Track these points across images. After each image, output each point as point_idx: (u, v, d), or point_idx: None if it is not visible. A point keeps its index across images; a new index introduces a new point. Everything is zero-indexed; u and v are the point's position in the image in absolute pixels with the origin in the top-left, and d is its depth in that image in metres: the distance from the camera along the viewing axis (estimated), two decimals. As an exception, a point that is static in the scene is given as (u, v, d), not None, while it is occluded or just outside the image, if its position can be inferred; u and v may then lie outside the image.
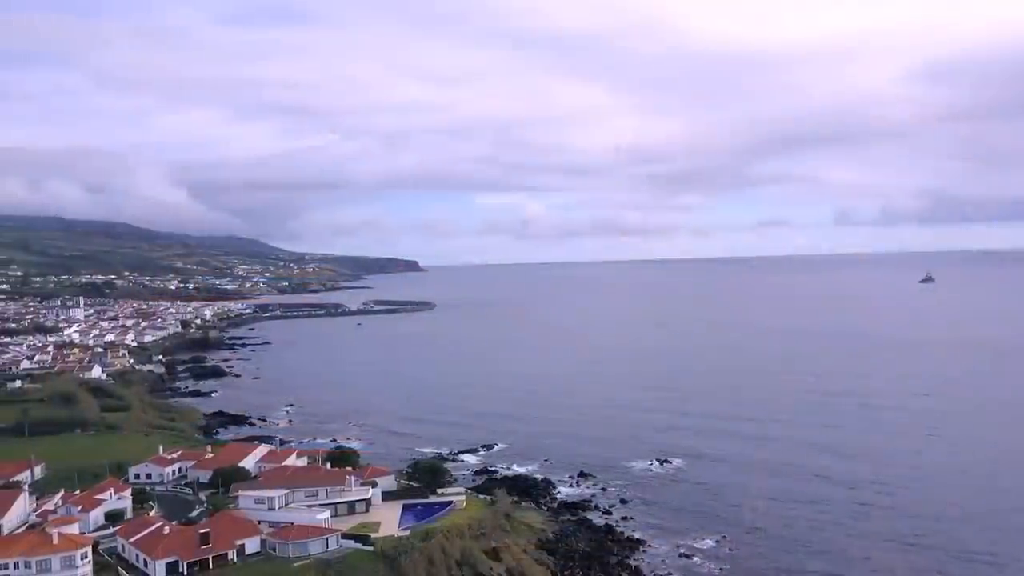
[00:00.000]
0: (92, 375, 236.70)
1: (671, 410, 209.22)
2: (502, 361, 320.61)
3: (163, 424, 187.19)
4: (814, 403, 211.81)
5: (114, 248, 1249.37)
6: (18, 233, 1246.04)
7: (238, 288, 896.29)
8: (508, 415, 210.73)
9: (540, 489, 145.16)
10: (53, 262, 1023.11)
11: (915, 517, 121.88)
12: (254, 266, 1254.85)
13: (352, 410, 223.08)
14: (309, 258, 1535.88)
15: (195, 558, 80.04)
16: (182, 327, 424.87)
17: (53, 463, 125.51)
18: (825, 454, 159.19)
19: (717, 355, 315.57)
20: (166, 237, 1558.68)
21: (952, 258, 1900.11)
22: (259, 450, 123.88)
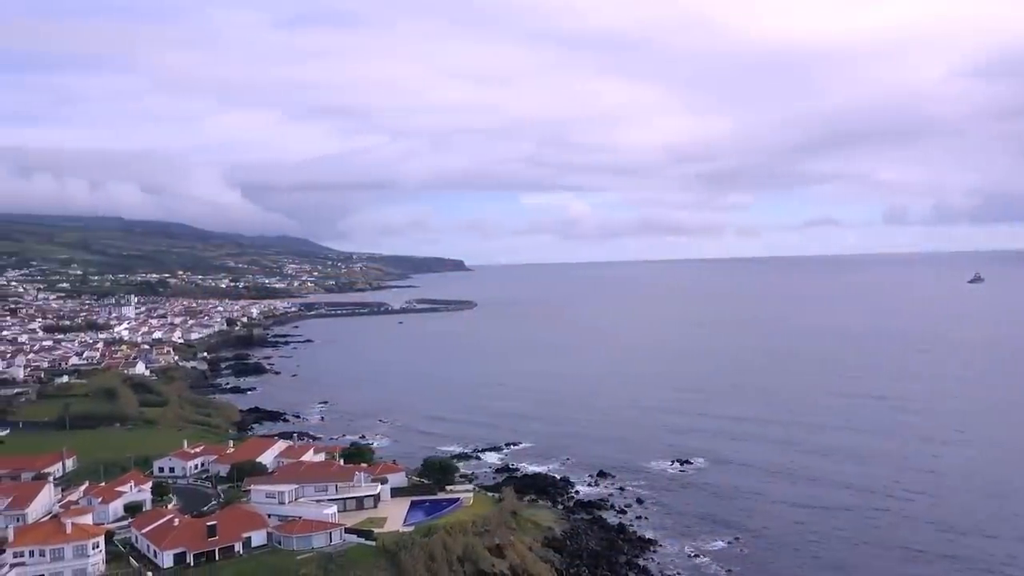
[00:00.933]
0: (136, 371, 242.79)
1: (697, 411, 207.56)
2: (534, 360, 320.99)
3: (199, 419, 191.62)
4: (843, 406, 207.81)
5: (170, 248, 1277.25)
6: (80, 233, 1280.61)
7: (286, 287, 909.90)
8: (535, 414, 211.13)
9: (558, 488, 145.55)
10: (112, 261, 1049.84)
11: (932, 527, 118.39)
12: (303, 265, 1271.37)
13: (383, 408, 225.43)
14: (357, 257, 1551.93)
15: (202, 549, 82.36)
16: (227, 325, 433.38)
17: (85, 456, 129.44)
18: (847, 459, 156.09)
19: (750, 356, 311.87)
20: (220, 237, 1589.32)
21: (1004, 257, 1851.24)
22: (277, 445, 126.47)
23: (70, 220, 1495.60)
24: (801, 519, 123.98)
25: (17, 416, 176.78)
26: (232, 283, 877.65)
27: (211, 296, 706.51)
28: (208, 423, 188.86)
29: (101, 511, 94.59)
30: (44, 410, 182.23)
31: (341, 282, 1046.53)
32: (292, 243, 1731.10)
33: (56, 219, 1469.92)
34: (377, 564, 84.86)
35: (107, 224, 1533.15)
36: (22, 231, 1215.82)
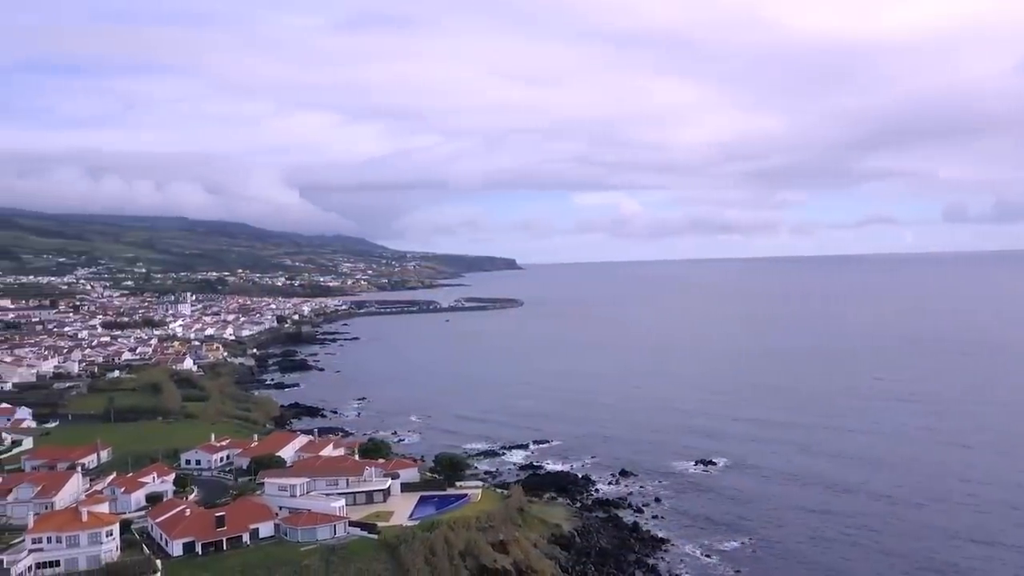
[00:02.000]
0: (184, 367, 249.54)
1: (727, 412, 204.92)
2: (572, 360, 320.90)
3: (238, 414, 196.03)
4: (875, 410, 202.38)
5: (230, 247, 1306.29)
6: (146, 233, 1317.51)
7: (340, 285, 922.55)
8: (565, 414, 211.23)
9: (578, 486, 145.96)
10: (175, 260, 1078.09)
11: (950, 540, 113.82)
12: (358, 264, 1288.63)
13: (418, 404, 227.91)
14: (411, 256, 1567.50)
15: (210, 539, 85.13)
16: (278, 322, 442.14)
17: (121, 448, 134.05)
18: (872, 466, 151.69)
19: (789, 357, 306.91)
20: (278, 236, 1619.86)
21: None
22: (298, 440, 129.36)
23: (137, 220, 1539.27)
24: (816, 525, 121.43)
25: (67, 409, 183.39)
26: (288, 281, 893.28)
27: (268, 294, 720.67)
28: (247, 418, 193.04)
29: (123, 500, 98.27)
30: (92, 403, 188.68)
31: (394, 280, 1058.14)
32: (349, 242, 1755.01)
33: (124, 219, 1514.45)
34: (377, 557, 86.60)
35: (171, 224, 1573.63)
36: (92, 231, 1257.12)
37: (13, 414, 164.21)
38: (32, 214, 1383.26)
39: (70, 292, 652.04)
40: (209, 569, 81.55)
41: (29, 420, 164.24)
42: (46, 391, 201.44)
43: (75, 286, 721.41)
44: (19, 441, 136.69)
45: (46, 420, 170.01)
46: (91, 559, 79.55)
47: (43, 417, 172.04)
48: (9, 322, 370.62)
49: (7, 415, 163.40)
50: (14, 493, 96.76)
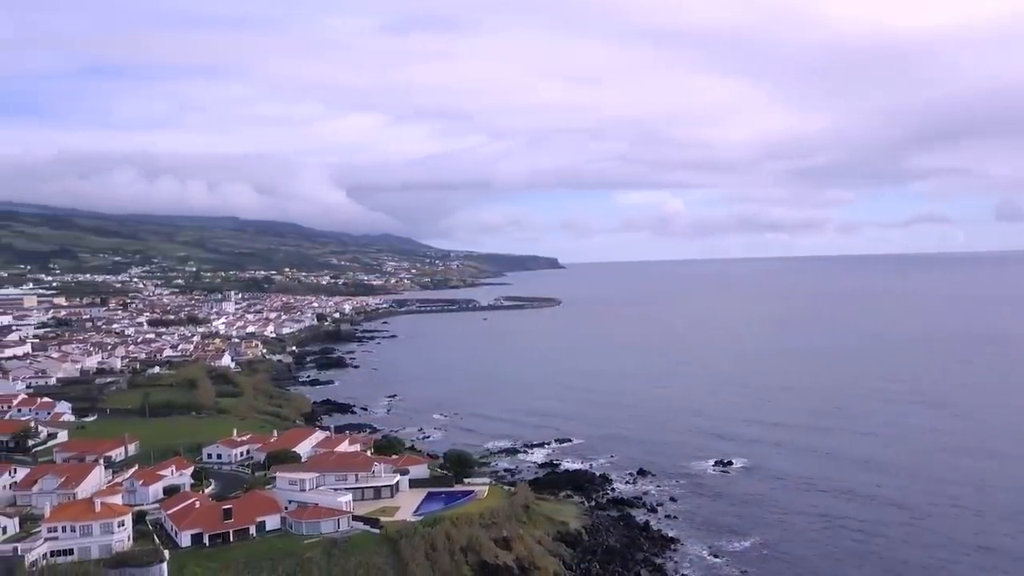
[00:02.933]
0: (221, 363, 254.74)
1: (753, 413, 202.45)
2: (603, 358, 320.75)
3: (270, 410, 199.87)
4: (902, 415, 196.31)
5: (278, 246, 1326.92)
6: (198, 232, 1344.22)
7: (384, 284, 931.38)
8: (590, 413, 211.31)
9: (595, 484, 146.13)
10: (226, 259, 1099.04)
11: (963, 551, 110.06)
12: (402, 263, 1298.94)
13: (446, 402, 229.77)
14: (455, 255, 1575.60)
15: (218, 531, 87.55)
16: (318, 320, 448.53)
17: (149, 442, 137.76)
18: (890, 472, 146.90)
19: (824, 358, 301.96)
20: (326, 236, 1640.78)
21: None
22: (315, 436, 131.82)
23: (190, 220, 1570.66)
24: (829, 530, 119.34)
25: (105, 403, 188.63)
26: (332, 280, 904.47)
27: (312, 292, 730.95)
28: (278, 414, 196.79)
29: (141, 493, 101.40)
30: (130, 398, 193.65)
31: (437, 279, 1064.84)
32: (395, 241, 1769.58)
33: (177, 219, 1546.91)
34: (378, 551, 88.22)
35: (223, 224, 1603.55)
36: (147, 230, 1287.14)
37: (53, 408, 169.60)
38: (91, 214, 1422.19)
39: (123, 290, 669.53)
40: (215, 560, 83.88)
41: (68, 414, 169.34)
42: (87, 386, 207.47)
43: (128, 284, 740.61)
44: (54, 434, 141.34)
45: (85, 414, 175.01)
46: (103, 548, 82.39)
47: (82, 411, 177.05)
48: (61, 319, 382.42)
49: (47, 409, 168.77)
50: (39, 484, 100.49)
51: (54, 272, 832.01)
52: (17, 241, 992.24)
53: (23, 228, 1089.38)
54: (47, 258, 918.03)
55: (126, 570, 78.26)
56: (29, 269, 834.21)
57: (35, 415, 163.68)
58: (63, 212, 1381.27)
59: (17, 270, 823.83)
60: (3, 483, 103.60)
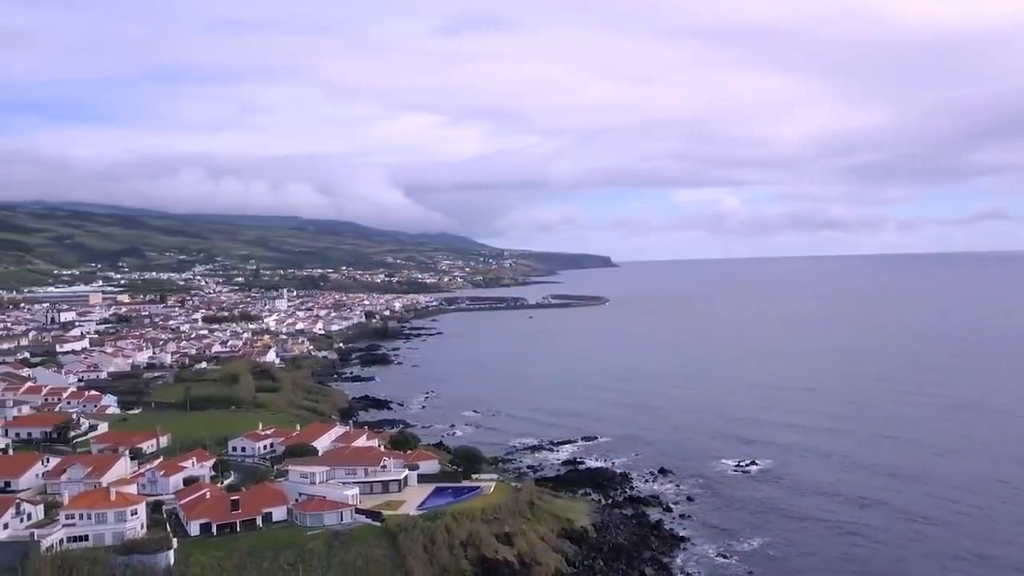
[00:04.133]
0: (266, 359, 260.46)
1: (781, 415, 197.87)
2: (641, 357, 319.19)
3: (306, 405, 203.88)
4: (936, 420, 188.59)
5: (337, 245, 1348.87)
6: (260, 232, 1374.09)
7: (436, 282, 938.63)
8: (621, 411, 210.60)
9: (614, 482, 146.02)
10: (286, 257, 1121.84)
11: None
12: (456, 261, 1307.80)
13: (481, 399, 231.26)
14: (508, 254, 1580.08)
15: (225, 521, 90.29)
16: (366, 318, 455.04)
17: (184, 434, 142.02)
18: (913, 480, 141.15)
19: (867, 360, 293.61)
20: (384, 235, 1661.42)
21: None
22: (335, 430, 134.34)
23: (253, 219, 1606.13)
24: (843, 536, 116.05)
25: (151, 397, 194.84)
26: (387, 278, 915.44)
27: (367, 290, 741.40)
28: (314, 408, 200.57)
29: (162, 483, 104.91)
30: (174, 392, 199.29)
31: (488, 278, 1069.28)
32: (451, 240, 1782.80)
33: (241, 218, 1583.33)
34: (377, 544, 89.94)
35: (285, 223, 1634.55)
36: (211, 230, 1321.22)
37: (99, 401, 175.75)
38: (159, 214, 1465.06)
39: (186, 287, 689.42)
40: (220, 549, 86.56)
41: (113, 407, 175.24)
42: (135, 380, 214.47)
43: (191, 282, 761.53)
44: (95, 426, 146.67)
45: (130, 407, 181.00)
46: (116, 535, 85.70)
47: (128, 404, 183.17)
48: (122, 316, 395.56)
49: (94, 402, 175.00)
50: (67, 473, 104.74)
51: (122, 270, 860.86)
52: (90, 240, 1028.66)
53: (96, 228, 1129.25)
54: (117, 257, 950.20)
55: (134, 556, 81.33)
56: (100, 267, 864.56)
57: (82, 407, 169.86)
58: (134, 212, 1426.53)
59: (88, 268, 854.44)
60: (36, 472, 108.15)
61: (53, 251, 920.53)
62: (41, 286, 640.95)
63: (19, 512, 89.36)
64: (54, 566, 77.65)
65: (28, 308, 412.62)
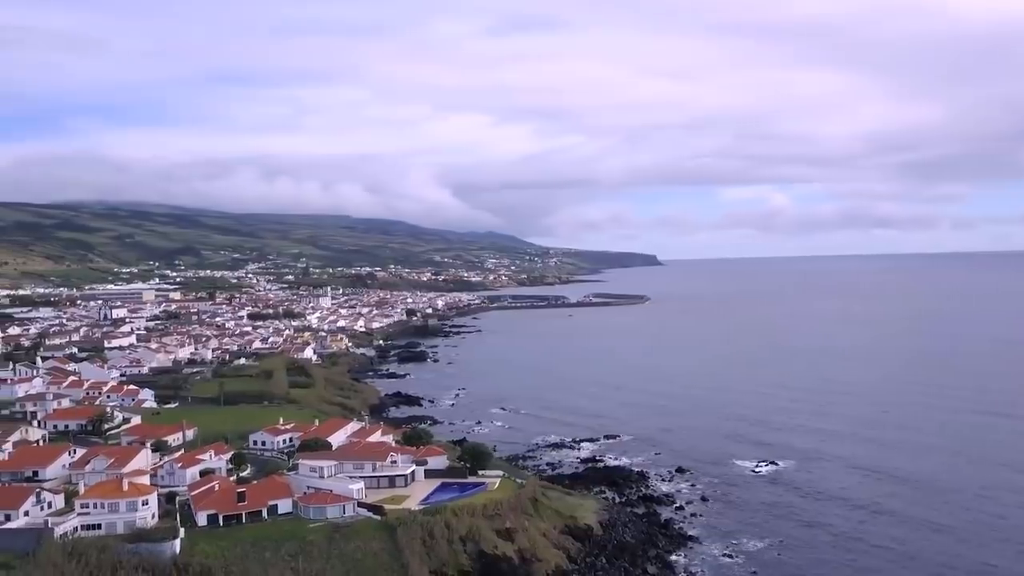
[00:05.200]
0: (303, 356, 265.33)
1: (808, 418, 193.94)
2: (674, 355, 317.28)
3: (337, 401, 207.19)
4: (969, 428, 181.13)
5: (385, 243, 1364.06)
6: (311, 230, 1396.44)
7: (482, 280, 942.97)
8: (648, 409, 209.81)
9: (631, 481, 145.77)
10: (335, 256, 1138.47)
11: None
12: (503, 260, 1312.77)
13: (511, 396, 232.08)
14: (554, 252, 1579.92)
15: (231, 512, 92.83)
16: (407, 315, 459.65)
17: (213, 427, 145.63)
18: (936, 491, 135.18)
19: (903, 362, 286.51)
20: (432, 233, 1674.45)
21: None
22: (351, 425, 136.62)
23: (305, 219, 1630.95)
24: (853, 542, 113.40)
25: (188, 392, 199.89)
26: (433, 276, 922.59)
27: (413, 288, 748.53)
28: (345, 404, 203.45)
29: (179, 475, 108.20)
30: (211, 387, 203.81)
31: (533, 276, 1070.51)
32: (499, 239, 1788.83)
33: (293, 217, 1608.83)
34: (377, 537, 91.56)
35: (336, 222, 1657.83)
36: (264, 228, 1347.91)
37: (137, 395, 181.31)
38: (215, 213, 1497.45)
39: (238, 285, 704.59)
40: (225, 539, 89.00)
41: (150, 401, 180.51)
42: (175, 375, 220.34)
43: (243, 279, 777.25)
44: (128, 419, 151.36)
45: (167, 401, 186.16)
46: (127, 524, 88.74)
47: (165, 399, 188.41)
48: (171, 312, 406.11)
49: (132, 396, 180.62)
50: (90, 464, 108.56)
51: (178, 268, 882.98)
52: (148, 239, 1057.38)
53: (154, 227, 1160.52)
54: (173, 255, 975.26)
55: (141, 545, 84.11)
56: (157, 265, 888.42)
57: (121, 401, 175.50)
58: (191, 212, 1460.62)
59: (147, 266, 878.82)
60: (63, 462, 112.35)
61: (114, 249, 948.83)
62: (101, 283, 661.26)
63: (39, 500, 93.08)
64: (64, 552, 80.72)
65: (84, 305, 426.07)
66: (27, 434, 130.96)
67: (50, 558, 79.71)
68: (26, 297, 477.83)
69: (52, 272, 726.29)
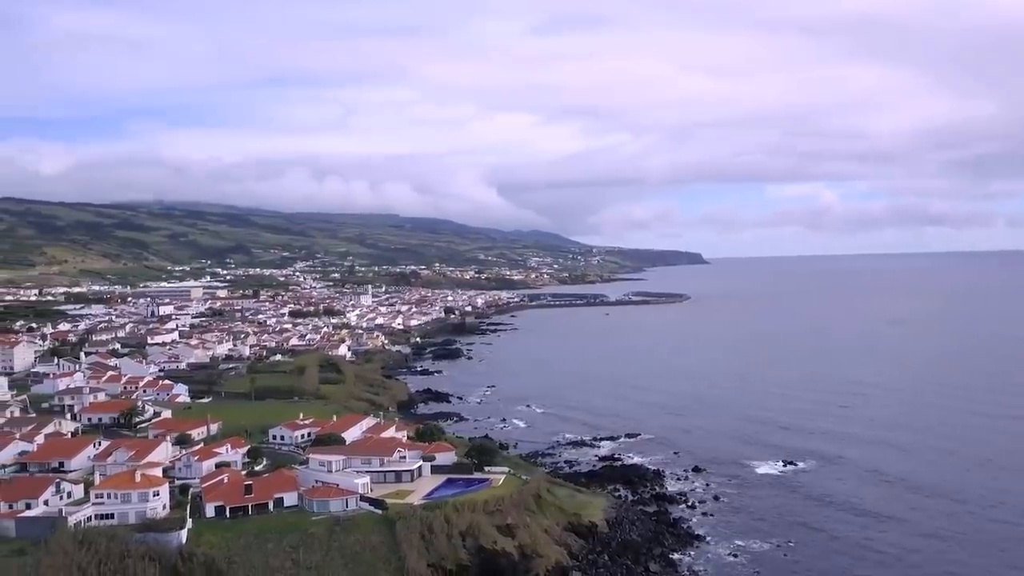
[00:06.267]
0: (337, 353, 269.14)
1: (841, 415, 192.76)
2: (706, 355, 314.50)
3: (366, 397, 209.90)
4: (1006, 438, 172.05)
5: (431, 242, 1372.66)
6: (359, 229, 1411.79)
7: (523, 278, 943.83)
8: (673, 408, 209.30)
9: (646, 479, 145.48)
10: (381, 254, 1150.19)
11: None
12: (545, 258, 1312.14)
13: (539, 394, 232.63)
14: (597, 251, 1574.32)
15: (238, 504, 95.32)
16: (445, 313, 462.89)
17: (236, 422, 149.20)
18: (957, 501, 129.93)
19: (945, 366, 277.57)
20: (478, 232, 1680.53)
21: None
22: (366, 421, 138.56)
23: (354, 218, 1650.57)
24: (863, 546, 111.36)
25: (221, 387, 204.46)
26: (476, 274, 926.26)
27: (456, 286, 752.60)
28: (373, 400, 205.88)
29: (196, 467, 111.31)
30: (244, 383, 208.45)
31: (575, 274, 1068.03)
32: (543, 238, 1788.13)
33: (342, 216, 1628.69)
34: (376, 530, 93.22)
35: (384, 221, 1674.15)
36: (313, 228, 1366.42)
37: (171, 390, 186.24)
38: (267, 213, 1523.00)
39: (285, 283, 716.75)
40: (231, 530, 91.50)
41: (184, 396, 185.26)
42: (210, 371, 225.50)
43: (291, 277, 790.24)
44: (159, 413, 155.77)
45: (201, 396, 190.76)
46: (139, 514, 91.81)
47: (199, 394, 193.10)
48: (216, 310, 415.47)
49: (167, 390, 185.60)
50: (113, 456, 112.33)
51: (229, 266, 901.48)
52: (201, 238, 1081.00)
53: (207, 226, 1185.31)
54: (225, 253, 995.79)
55: (149, 534, 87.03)
56: (209, 263, 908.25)
57: (156, 396, 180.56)
58: (243, 211, 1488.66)
59: (199, 264, 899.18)
60: (88, 454, 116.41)
61: (168, 248, 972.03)
62: (155, 281, 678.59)
63: (59, 490, 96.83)
64: (75, 540, 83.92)
65: (133, 302, 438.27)
66: (60, 427, 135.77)
67: (61, 545, 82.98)
68: (80, 294, 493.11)
69: (109, 270, 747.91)
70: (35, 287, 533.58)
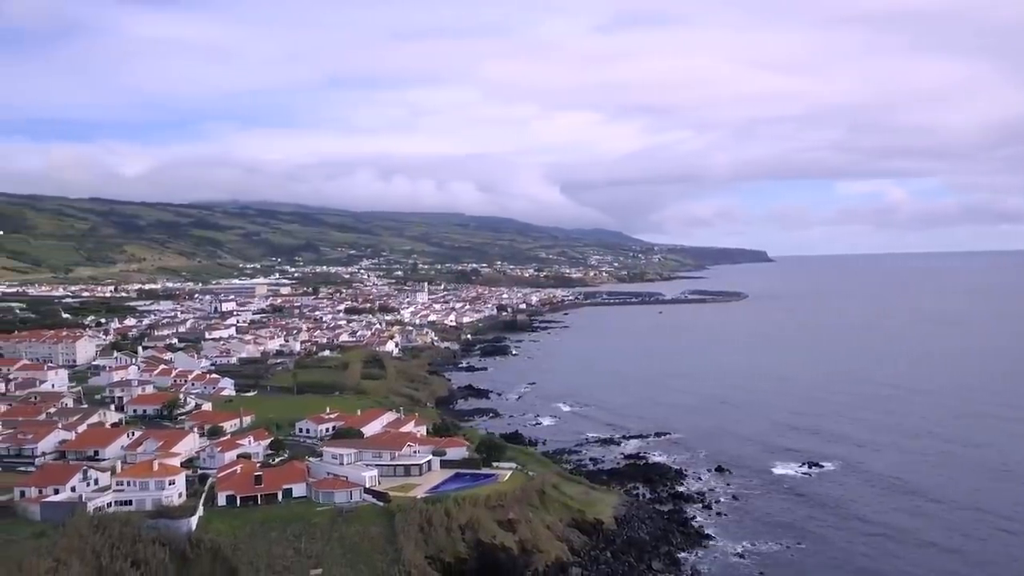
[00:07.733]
0: (384, 349, 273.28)
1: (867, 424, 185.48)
2: (752, 355, 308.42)
3: (405, 393, 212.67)
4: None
5: (495, 240, 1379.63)
6: (424, 228, 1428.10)
7: (582, 276, 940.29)
8: (706, 408, 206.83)
9: (666, 478, 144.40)
10: (445, 252, 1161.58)
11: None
12: (605, 256, 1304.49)
13: (576, 392, 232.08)
14: (658, 249, 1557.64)
15: (248, 494, 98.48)
16: (497, 311, 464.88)
17: (273, 415, 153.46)
18: (977, 510, 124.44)
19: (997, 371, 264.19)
20: (540, 231, 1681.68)
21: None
22: (386, 416, 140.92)
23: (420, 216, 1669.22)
24: (872, 552, 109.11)
25: (267, 382, 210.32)
26: (535, 272, 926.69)
27: (515, 284, 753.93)
28: (412, 396, 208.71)
29: (218, 458, 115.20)
30: (287, 378, 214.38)
31: (633, 273, 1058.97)
32: (605, 236, 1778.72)
33: (409, 215, 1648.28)
34: (377, 522, 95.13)
35: (449, 219, 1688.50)
36: (380, 226, 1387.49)
37: (218, 383, 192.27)
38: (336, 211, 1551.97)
39: (350, 280, 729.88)
40: (239, 518, 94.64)
41: (229, 389, 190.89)
42: (258, 366, 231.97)
43: (356, 275, 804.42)
44: (199, 405, 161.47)
45: (247, 390, 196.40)
46: (155, 501, 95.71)
47: (246, 388, 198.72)
48: (276, 306, 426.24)
49: (213, 384, 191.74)
50: (143, 445, 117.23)
51: (298, 264, 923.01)
52: (273, 237, 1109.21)
53: (279, 225, 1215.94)
54: (295, 252, 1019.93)
55: (161, 521, 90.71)
56: (279, 261, 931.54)
57: (203, 389, 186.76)
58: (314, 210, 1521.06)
59: (270, 262, 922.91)
60: (120, 444, 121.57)
61: (240, 246, 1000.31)
62: (227, 279, 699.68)
63: (86, 477, 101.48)
64: (91, 525, 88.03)
65: (199, 299, 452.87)
66: (104, 417, 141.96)
67: (78, 529, 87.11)
68: (152, 291, 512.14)
69: (184, 268, 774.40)
70: (113, 284, 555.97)
